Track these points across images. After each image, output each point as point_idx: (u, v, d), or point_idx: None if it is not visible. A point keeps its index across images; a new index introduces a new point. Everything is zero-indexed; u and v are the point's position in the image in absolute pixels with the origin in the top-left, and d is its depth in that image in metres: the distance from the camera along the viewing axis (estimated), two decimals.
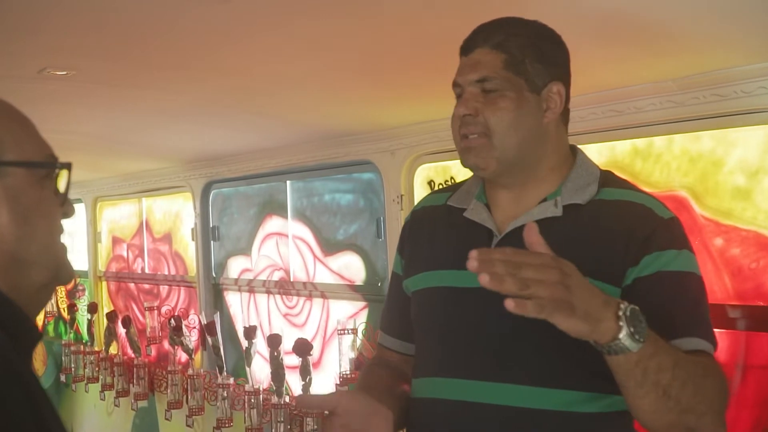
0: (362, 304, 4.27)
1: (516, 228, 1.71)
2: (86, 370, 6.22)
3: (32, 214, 1.20)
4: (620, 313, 1.41)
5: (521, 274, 1.33)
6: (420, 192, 3.78)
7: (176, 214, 5.89)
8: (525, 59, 1.71)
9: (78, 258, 7.05)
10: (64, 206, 1.28)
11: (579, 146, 1.87)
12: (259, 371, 4.69)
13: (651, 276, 1.62)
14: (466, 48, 1.76)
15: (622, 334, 1.40)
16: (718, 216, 2.68)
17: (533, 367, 1.66)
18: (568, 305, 1.35)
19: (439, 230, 1.87)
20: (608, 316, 1.40)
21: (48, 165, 1.25)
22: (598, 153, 2.95)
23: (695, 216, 2.71)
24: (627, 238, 1.65)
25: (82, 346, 6.42)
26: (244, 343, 4.62)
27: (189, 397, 4.98)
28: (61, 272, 1.27)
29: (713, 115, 2.60)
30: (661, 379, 1.47)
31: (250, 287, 5.09)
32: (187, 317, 5.49)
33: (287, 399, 4.30)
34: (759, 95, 2.44)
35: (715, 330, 2.65)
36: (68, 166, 1.27)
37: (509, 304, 1.31)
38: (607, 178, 1.78)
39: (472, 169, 1.77)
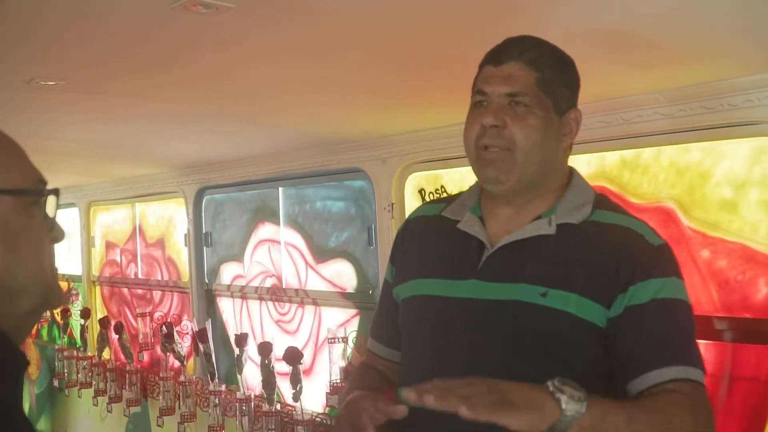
0: (353, 311, 4.28)
1: (507, 243, 1.73)
2: (79, 375, 6.22)
3: (20, 242, 1.19)
4: (551, 388, 1.44)
5: (457, 392, 1.41)
6: (411, 200, 3.78)
7: (169, 219, 5.90)
8: (554, 81, 1.72)
9: (72, 262, 7.05)
10: (53, 231, 1.27)
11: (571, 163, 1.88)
12: (251, 378, 4.69)
13: (642, 305, 1.63)
14: (497, 58, 1.75)
15: (564, 402, 1.43)
16: (704, 228, 2.68)
17: (520, 377, 1.65)
18: (508, 403, 1.41)
19: (431, 240, 1.88)
20: (545, 396, 1.44)
21: (35, 192, 1.23)
22: (586, 164, 2.96)
23: (682, 228, 2.72)
24: (617, 262, 1.65)
25: (75, 351, 6.42)
26: (236, 351, 4.61)
27: (181, 404, 4.98)
28: (51, 297, 1.26)
29: (700, 128, 2.60)
30: None
31: (243, 293, 5.09)
32: (180, 323, 5.50)
33: (278, 406, 4.31)
34: (746, 108, 2.45)
35: (702, 342, 2.68)
36: (56, 192, 1.26)
37: (462, 411, 1.39)
38: (601, 201, 1.79)
39: (488, 183, 1.76)
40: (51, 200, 1.25)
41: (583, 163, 2.92)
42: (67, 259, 7.20)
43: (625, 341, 1.64)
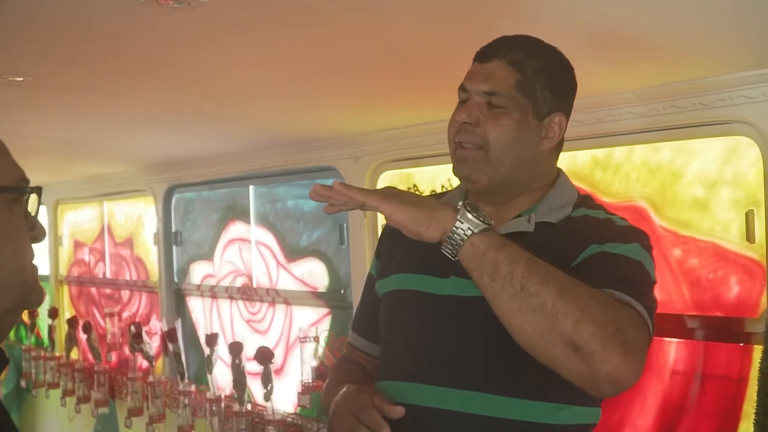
0: (325, 310, 4.26)
1: None
2: (47, 375, 6.16)
3: (0, 239, 1.17)
4: (459, 205, 1.50)
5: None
6: None
7: (138, 218, 5.85)
8: (537, 84, 1.71)
9: (39, 261, 6.96)
10: (34, 230, 1.25)
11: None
12: (221, 378, 4.66)
13: (594, 255, 1.61)
14: (483, 56, 1.75)
15: (460, 215, 1.48)
16: (676, 227, 2.70)
17: (496, 375, 1.66)
18: (396, 198, 1.50)
19: None
20: (444, 207, 1.51)
21: (17, 190, 1.21)
22: (558, 163, 2.95)
23: (654, 226, 2.72)
24: (586, 246, 1.64)
25: (42, 352, 6.35)
26: (206, 351, 4.58)
27: (150, 405, 4.94)
28: (30, 296, 1.24)
29: (672, 127, 2.61)
30: (515, 270, 1.47)
31: (213, 293, 5.06)
32: (149, 323, 5.46)
33: (249, 407, 4.29)
34: (718, 107, 2.46)
35: (674, 340, 2.70)
36: (38, 191, 1.24)
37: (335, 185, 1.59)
38: (583, 200, 1.79)
39: (462, 180, 1.77)
40: (33, 198, 1.23)
41: None
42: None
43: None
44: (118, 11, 1.95)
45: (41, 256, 6.91)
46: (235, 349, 4.23)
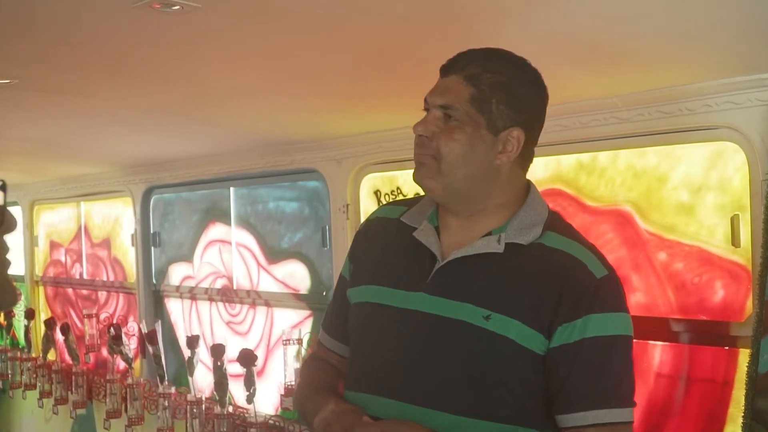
0: (307, 312, 4.25)
1: (457, 258, 1.73)
2: (23, 376, 6.10)
3: None
4: None
5: None
6: (366, 201, 3.77)
7: (115, 219, 5.80)
8: (492, 99, 1.70)
9: (14, 261, 6.89)
10: (4, 224, 1.22)
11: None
12: (202, 380, 4.64)
13: (575, 343, 1.66)
14: (445, 69, 1.76)
15: None
16: (661, 231, 2.71)
17: (458, 395, 1.69)
18: None
19: (388, 245, 1.88)
20: None
21: None
22: (544, 167, 2.97)
23: (639, 230, 2.74)
24: (559, 293, 1.66)
25: (19, 353, 6.29)
26: (187, 353, 4.56)
27: (128, 406, 4.91)
28: (4, 296, 1.21)
29: (658, 132, 2.63)
30: None
31: (192, 294, 5.03)
32: (126, 324, 5.42)
33: (230, 409, 4.27)
34: (703, 113, 2.48)
35: (659, 343, 2.72)
36: (3, 187, 1.22)
37: None
38: (553, 221, 1.79)
39: (419, 185, 1.77)
40: None
41: (540, 166, 2.93)
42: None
43: (556, 375, 1.67)
44: (109, 14, 1.94)
45: (16, 257, 6.84)
46: (217, 351, 4.21)
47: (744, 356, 2.40)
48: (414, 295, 1.74)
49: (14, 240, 6.41)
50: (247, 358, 4.00)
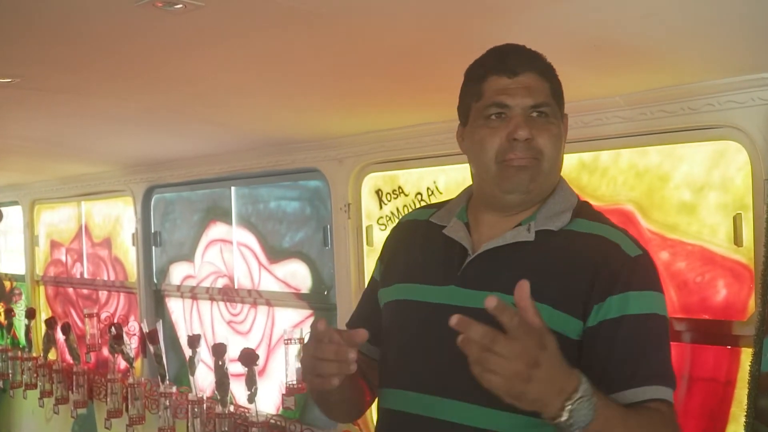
0: (308, 312, 4.25)
1: (489, 249, 1.74)
2: (24, 376, 6.11)
3: None
4: (568, 406, 1.43)
5: (487, 359, 1.38)
6: (367, 201, 3.77)
7: (116, 218, 5.80)
8: (559, 90, 1.78)
9: (14, 261, 6.92)
10: None
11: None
12: (203, 379, 4.64)
13: (615, 320, 1.64)
14: (511, 69, 1.74)
15: (564, 419, 1.44)
16: (663, 230, 2.71)
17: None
18: (519, 393, 1.40)
19: (417, 244, 1.90)
20: (556, 405, 1.43)
21: None
22: None
23: (641, 229, 2.74)
24: (593, 274, 1.66)
25: (19, 352, 6.30)
26: (188, 352, 4.55)
27: (129, 406, 4.91)
28: None
29: (660, 131, 2.63)
30: None
31: (193, 294, 5.03)
32: (127, 323, 5.42)
33: (231, 408, 4.27)
34: (705, 112, 2.48)
35: None
36: None
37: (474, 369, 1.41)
38: (582, 209, 1.80)
39: (515, 191, 1.75)
40: None
41: None
42: (6, 257, 7.08)
43: (597, 355, 1.65)
44: (111, 13, 1.94)
45: (18, 256, 6.86)
46: (219, 350, 4.21)
47: (746, 355, 2.39)
48: (445, 289, 1.75)
49: (13, 238, 6.44)
50: (248, 357, 4.00)
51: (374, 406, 2.02)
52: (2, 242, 7.40)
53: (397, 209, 3.64)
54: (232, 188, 4.69)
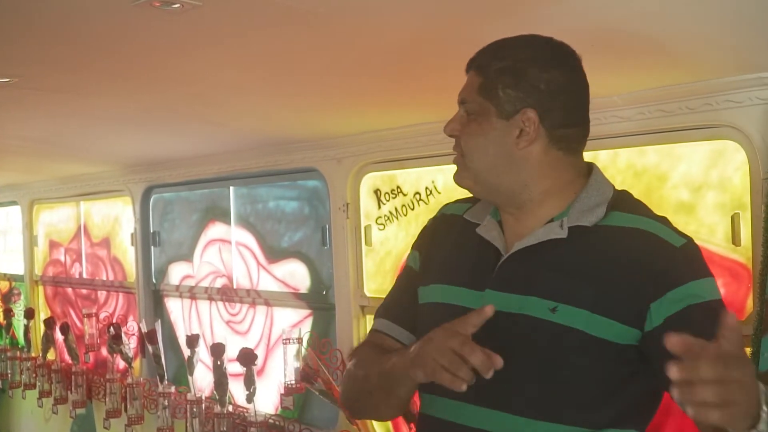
0: (306, 312, 4.25)
1: (520, 249, 1.68)
2: (23, 376, 6.11)
3: None
4: (764, 415, 1.28)
5: (730, 391, 1.22)
6: (366, 200, 3.77)
7: (115, 218, 5.80)
8: (498, 85, 1.67)
9: (13, 261, 6.92)
10: None
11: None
12: (201, 379, 4.64)
13: (681, 312, 1.55)
14: (468, 66, 1.76)
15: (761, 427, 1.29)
16: None
17: (532, 397, 1.63)
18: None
19: (453, 243, 1.84)
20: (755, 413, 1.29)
21: None
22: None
23: None
24: (642, 273, 1.58)
25: (18, 352, 6.30)
26: (186, 352, 4.56)
27: (128, 406, 4.91)
28: None
29: (658, 131, 2.63)
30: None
31: (192, 294, 5.03)
32: (126, 323, 5.42)
33: (230, 408, 4.27)
34: (704, 112, 2.48)
35: None
36: None
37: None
38: (619, 200, 1.71)
39: (460, 186, 1.78)
40: None
41: None
42: (5, 257, 7.08)
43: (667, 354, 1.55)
44: (109, 13, 1.94)
45: (17, 257, 6.86)
46: (217, 350, 4.21)
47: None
48: (482, 294, 1.69)
49: (11, 238, 6.43)
50: (246, 357, 4.01)
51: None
52: (1, 242, 7.40)
53: (396, 209, 3.64)
54: (231, 188, 4.69)
